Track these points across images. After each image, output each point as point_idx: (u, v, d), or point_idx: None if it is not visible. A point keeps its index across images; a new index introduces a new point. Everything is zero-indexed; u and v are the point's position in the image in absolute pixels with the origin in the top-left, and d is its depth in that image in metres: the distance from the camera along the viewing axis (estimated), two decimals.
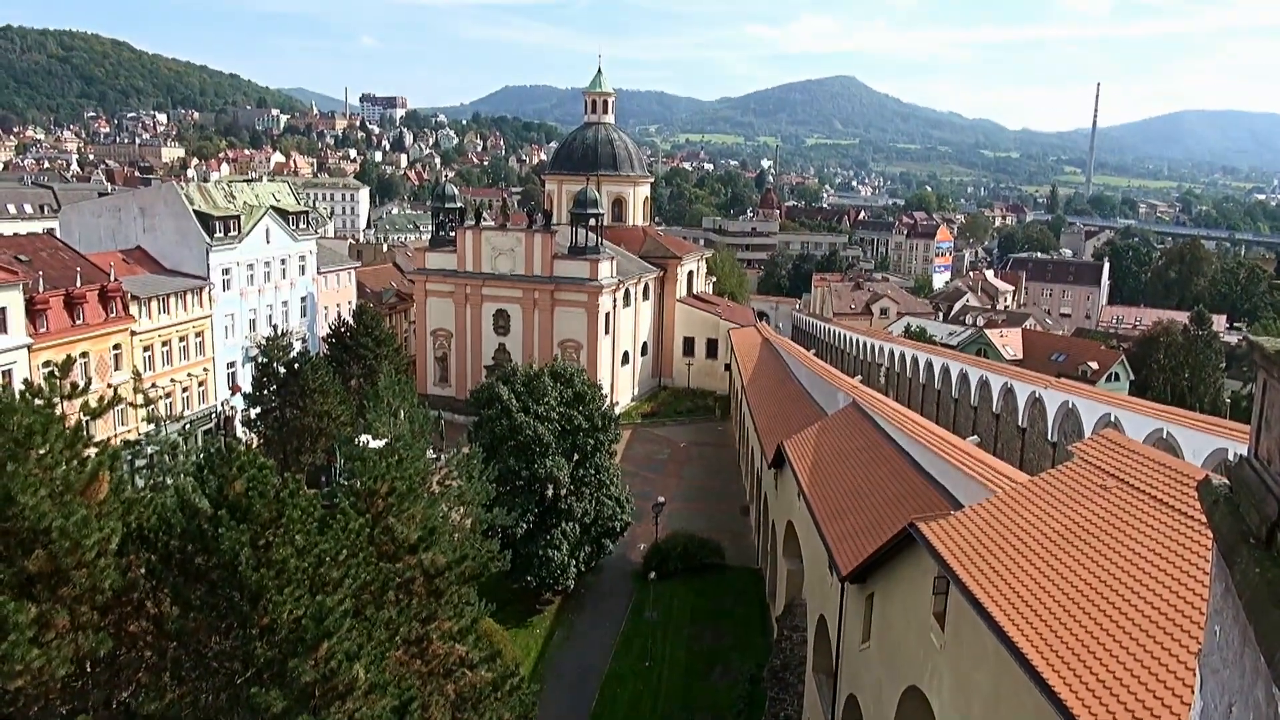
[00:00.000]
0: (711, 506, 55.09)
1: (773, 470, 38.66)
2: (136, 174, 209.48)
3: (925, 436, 26.59)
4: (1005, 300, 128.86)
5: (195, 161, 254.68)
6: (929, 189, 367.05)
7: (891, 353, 67.09)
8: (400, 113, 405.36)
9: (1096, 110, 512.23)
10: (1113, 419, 32.12)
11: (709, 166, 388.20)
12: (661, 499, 49.29)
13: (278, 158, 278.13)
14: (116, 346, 52.63)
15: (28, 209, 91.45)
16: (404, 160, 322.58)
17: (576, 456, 42.07)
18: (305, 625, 14.85)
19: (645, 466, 62.54)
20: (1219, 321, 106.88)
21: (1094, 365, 74.72)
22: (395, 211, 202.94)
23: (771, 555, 40.32)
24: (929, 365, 57.14)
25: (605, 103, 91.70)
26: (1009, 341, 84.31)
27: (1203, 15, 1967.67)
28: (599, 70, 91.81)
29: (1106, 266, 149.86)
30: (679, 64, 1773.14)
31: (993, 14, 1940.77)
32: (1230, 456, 24.30)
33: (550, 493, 40.93)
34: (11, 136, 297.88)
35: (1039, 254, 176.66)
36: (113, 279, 52.79)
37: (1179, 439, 27.87)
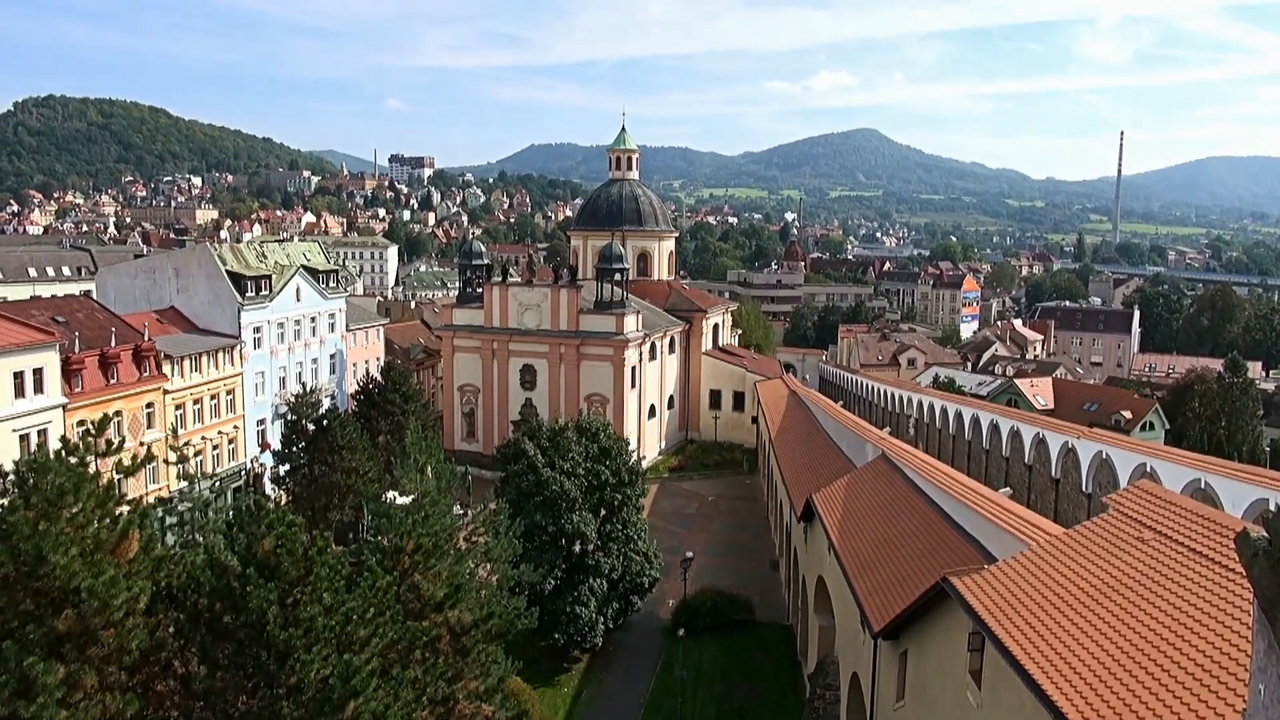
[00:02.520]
0: (740, 561, 54.47)
1: (802, 524, 38.23)
2: (171, 236, 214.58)
3: (956, 489, 26.23)
4: (1034, 350, 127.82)
5: (228, 223, 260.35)
6: (954, 239, 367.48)
7: (920, 404, 66.56)
8: (428, 172, 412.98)
9: (1121, 158, 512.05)
10: (1149, 469, 31.58)
11: (733, 220, 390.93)
12: (690, 554, 48.80)
13: (309, 218, 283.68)
14: (149, 405, 53.33)
15: (66, 271, 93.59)
16: (432, 218, 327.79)
17: (604, 511, 41.85)
18: (332, 685, 14.76)
19: (673, 521, 62.09)
20: (1255, 368, 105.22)
21: (1128, 414, 73.61)
22: (423, 269, 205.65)
23: (802, 611, 39.69)
24: (958, 416, 56.60)
25: (629, 159, 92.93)
26: (1039, 391, 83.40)
27: (1224, 63, 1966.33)
28: (623, 128, 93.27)
29: (1136, 314, 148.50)
30: (702, 120, 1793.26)
31: (1011, 66, 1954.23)
32: (1272, 507, 23.76)
33: (577, 548, 40.66)
34: (52, 201, 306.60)
35: (1067, 303, 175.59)
36: (146, 339, 53.71)
37: (1217, 489, 27.31)
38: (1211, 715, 10.19)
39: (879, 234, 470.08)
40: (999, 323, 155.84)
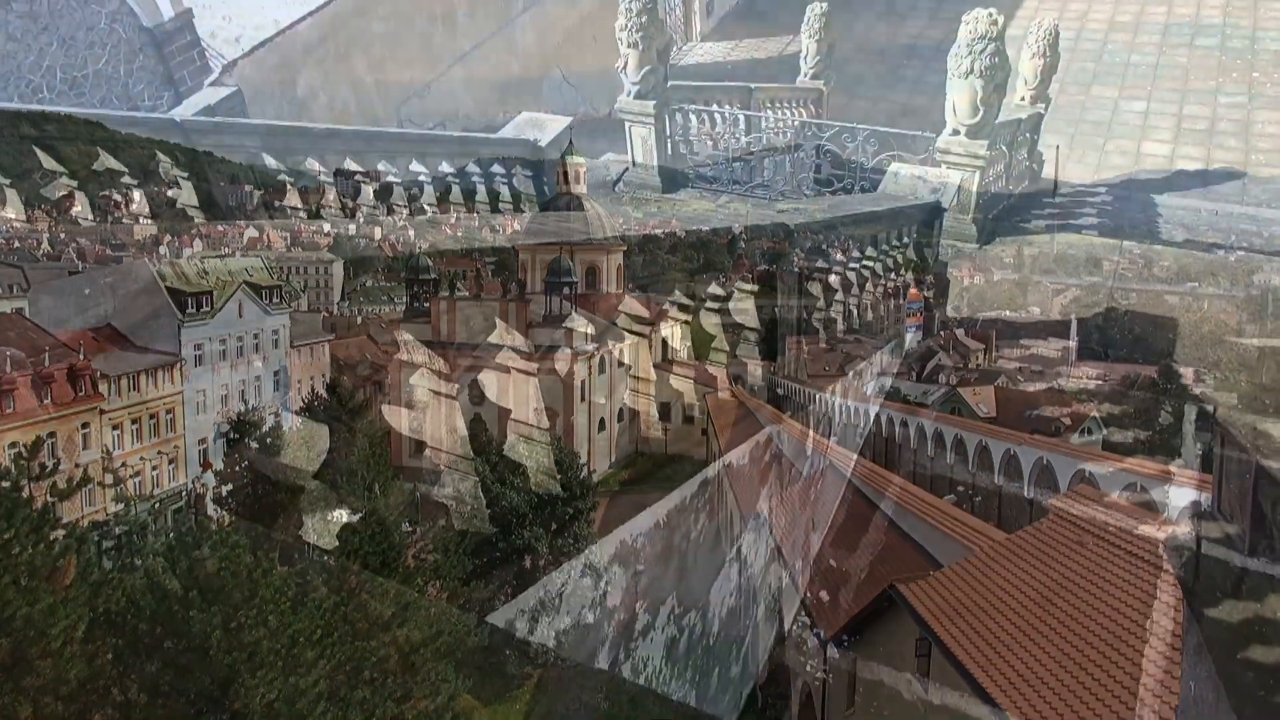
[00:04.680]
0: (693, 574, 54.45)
1: (752, 535, 38.39)
2: (108, 251, 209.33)
3: (902, 496, 26.61)
4: (976, 359, 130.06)
5: (168, 238, 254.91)
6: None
7: (866, 413, 67.35)
8: (375, 186, 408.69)
9: (1057, 171, 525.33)
10: (1088, 474, 32.32)
11: (681, 233, 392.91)
12: (641, 567, 48.69)
13: (251, 232, 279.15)
14: (85, 425, 51.86)
15: None
16: (378, 232, 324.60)
17: (555, 526, 41.66)
18: (278, 709, 14.50)
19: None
20: (1188, 374, 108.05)
21: (1067, 421, 75.14)
22: (369, 283, 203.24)
23: (753, 621, 39.81)
24: (904, 424, 57.41)
25: (577, 173, 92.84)
26: (982, 399, 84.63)
27: None
28: (570, 141, 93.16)
29: (1074, 323, 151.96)
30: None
31: None
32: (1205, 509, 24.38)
33: (528, 563, 40.41)
34: None
35: (1008, 313, 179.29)
36: (82, 357, 52.27)
37: (1154, 492, 28.04)
38: (1149, 713, 10.47)
39: (825, 245, 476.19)
40: (942, 333, 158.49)
